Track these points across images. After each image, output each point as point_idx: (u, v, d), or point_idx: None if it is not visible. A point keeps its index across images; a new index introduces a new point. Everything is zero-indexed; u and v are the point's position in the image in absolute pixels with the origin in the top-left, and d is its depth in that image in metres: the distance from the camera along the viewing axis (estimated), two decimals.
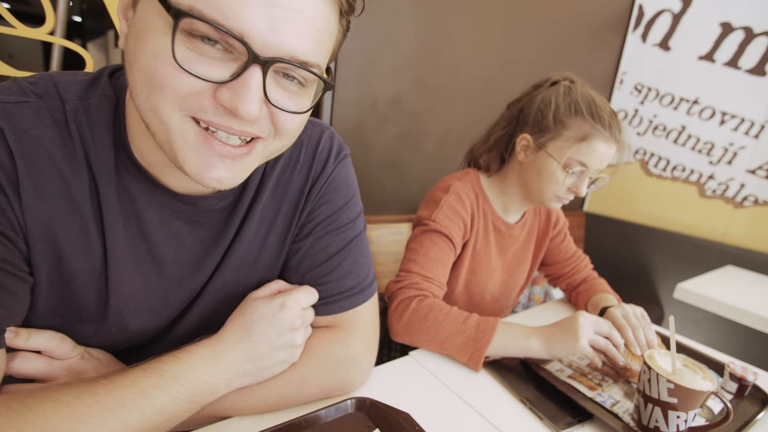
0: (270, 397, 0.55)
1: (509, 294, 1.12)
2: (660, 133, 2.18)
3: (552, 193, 0.90)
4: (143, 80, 0.38)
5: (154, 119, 0.39)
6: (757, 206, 1.89)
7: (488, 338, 0.73)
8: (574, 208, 2.48)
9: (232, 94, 0.37)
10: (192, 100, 0.38)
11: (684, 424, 0.59)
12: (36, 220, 0.43)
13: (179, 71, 0.36)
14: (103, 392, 0.40)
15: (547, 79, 0.95)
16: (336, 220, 0.61)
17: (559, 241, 1.13)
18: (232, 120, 0.39)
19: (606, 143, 0.85)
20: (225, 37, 0.36)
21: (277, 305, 0.53)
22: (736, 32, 1.93)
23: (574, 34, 2.09)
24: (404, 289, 0.82)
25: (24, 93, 0.44)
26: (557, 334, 0.74)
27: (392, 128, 1.61)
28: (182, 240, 0.53)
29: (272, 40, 0.36)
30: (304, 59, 0.39)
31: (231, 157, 0.42)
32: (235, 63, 0.38)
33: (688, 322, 2.03)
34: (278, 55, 0.37)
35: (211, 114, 0.39)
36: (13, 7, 0.90)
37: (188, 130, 0.40)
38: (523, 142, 0.92)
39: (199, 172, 0.41)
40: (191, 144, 0.40)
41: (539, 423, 0.63)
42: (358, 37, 1.41)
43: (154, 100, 0.38)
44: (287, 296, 0.55)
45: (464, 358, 0.74)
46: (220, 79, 0.37)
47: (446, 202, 0.91)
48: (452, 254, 0.90)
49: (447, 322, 0.76)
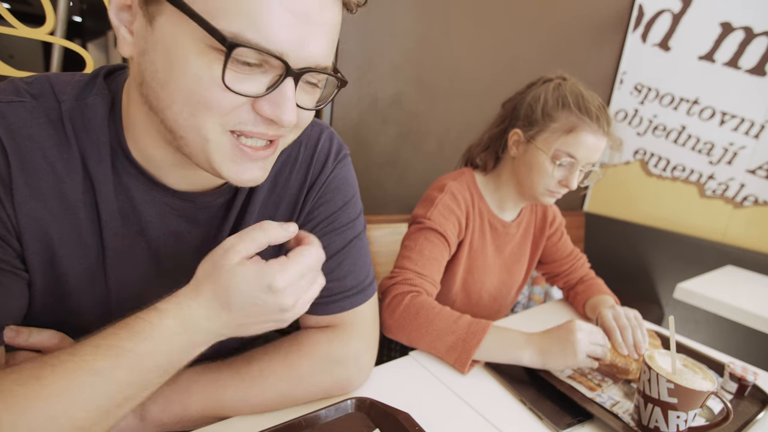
0: (269, 396, 0.54)
1: (507, 293, 1.12)
2: (660, 133, 2.18)
3: (543, 186, 0.91)
4: (185, 100, 0.39)
5: (195, 135, 0.41)
6: (757, 206, 1.89)
7: (478, 340, 0.72)
8: (574, 208, 2.48)
9: (272, 106, 0.40)
10: (232, 115, 0.40)
11: (684, 424, 0.59)
12: (29, 219, 0.44)
13: (225, 92, 0.38)
14: (51, 378, 0.36)
15: (540, 77, 0.97)
16: (336, 220, 0.61)
17: (556, 239, 1.14)
18: (268, 128, 0.42)
19: (594, 135, 0.86)
20: (266, 57, 0.38)
21: (264, 287, 0.42)
22: (736, 32, 1.93)
23: (574, 34, 2.09)
24: (397, 285, 0.82)
25: (19, 93, 0.44)
26: (553, 347, 0.72)
27: (392, 128, 1.61)
28: (181, 237, 0.54)
29: (301, 53, 0.39)
30: (326, 65, 0.42)
31: (261, 158, 0.45)
32: (268, 75, 0.40)
33: (688, 322, 2.03)
34: (308, 65, 0.40)
35: (250, 125, 0.41)
36: (13, 7, 0.90)
37: (225, 142, 0.42)
38: (514, 137, 0.94)
39: (237, 176, 0.44)
40: (228, 154, 0.43)
41: (539, 423, 0.63)
42: (358, 37, 1.41)
43: (198, 120, 0.40)
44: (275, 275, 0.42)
45: (452, 359, 0.73)
46: (259, 93, 0.40)
47: (441, 201, 0.92)
48: (447, 252, 0.91)
49: (438, 320, 0.75)
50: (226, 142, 0.42)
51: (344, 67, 1.40)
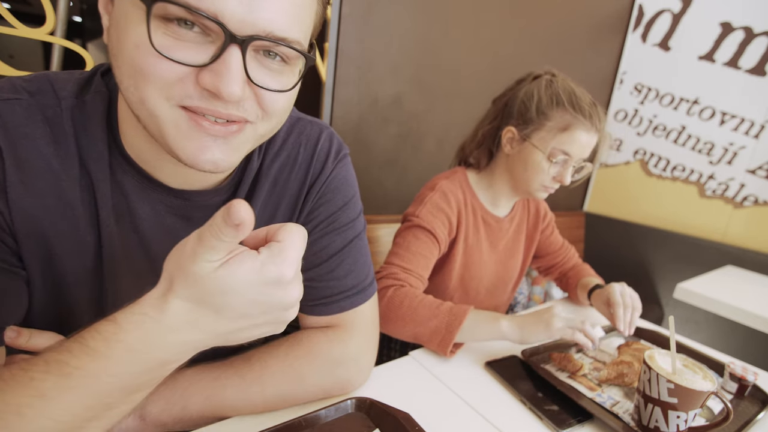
0: (269, 397, 0.54)
1: (504, 288, 1.15)
2: (660, 133, 2.18)
3: (538, 183, 0.94)
4: (128, 72, 0.38)
5: (143, 111, 0.39)
6: (757, 206, 1.89)
7: (459, 321, 0.75)
8: (574, 208, 2.48)
9: (213, 77, 0.37)
10: (177, 87, 0.38)
11: (684, 424, 0.59)
12: (24, 216, 0.43)
13: (160, 58, 0.36)
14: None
15: (529, 73, 0.99)
16: (336, 220, 0.61)
17: (548, 233, 1.19)
18: (217, 103, 0.39)
19: (587, 132, 0.89)
20: (200, 19, 0.35)
21: (271, 281, 0.35)
22: (736, 32, 1.93)
23: (574, 34, 2.09)
24: (382, 279, 0.84)
25: (15, 91, 0.44)
26: (529, 318, 0.78)
27: (392, 128, 1.61)
28: (177, 236, 0.53)
29: (248, 17, 0.36)
30: (282, 35, 0.38)
31: (222, 135, 0.41)
32: (213, 45, 0.37)
33: (688, 322, 2.03)
34: (255, 32, 0.37)
35: (197, 99, 0.38)
36: (13, 7, 0.90)
37: (179, 119, 0.39)
38: (509, 134, 0.96)
39: (194, 156, 0.40)
40: (183, 131, 0.40)
41: (539, 423, 0.63)
42: (358, 37, 1.41)
43: (141, 91, 0.38)
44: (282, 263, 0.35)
45: (435, 343, 0.76)
46: (201, 62, 0.37)
47: (431, 200, 0.94)
48: (435, 249, 0.93)
49: (421, 308, 0.78)
50: (179, 118, 0.39)
51: (344, 67, 1.40)
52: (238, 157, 0.44)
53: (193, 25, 0.36)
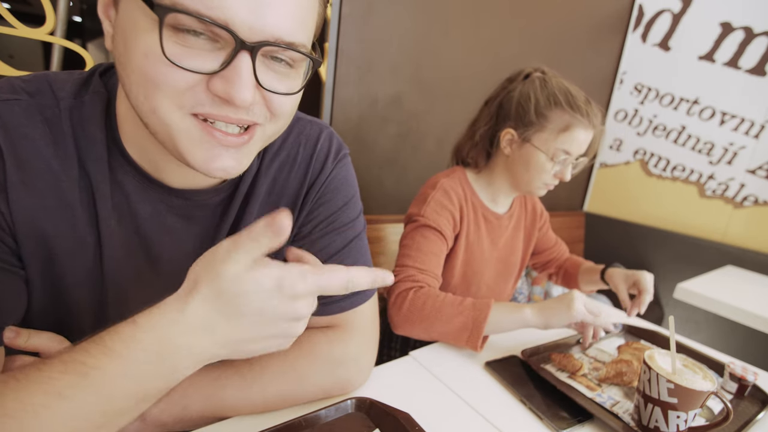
0: (269, 397, 0.54)
1: (504, 284, 1.16)
2: (660, 133, 2.18)
3: (540, 182, 0.96)
4: (138, 81, 0.38)
5: (154, 119, 0.39)
6: (757, 206, 1.89)
7: (485, 315, 0.76)
8: (574, 208, 2.48)
9: (224, 83, 0.37)
10: (188, 95, 0.38)
11: (684, 424, 0.59)
12: (24, 216, 0.43)
13: (171, 67, 0.36)
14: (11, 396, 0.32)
15: (519, 71, 0.99)
16: (336, 220, 0.61)
17: (545, 230, 1.22)
18: (228, 109, 0.39)
19: (585, 130, 0.91)
20: (210, 27, 0.36)
21: (287, 295, 0.36)
22: (736, 32, 1.93)
23: (574, 34, 2.09)
24: (400, 282, 0.85)
25: (15, 91, 0.44)
26: (551, 303, 0.79)
27: (392, 128, 1.61)
28: (177, 236, 0.53)
29: (257, 24, 0.36)
30: (290, 40, 0.39)
31: (234, 146, 0.42)
32: (223, 51, 0.37)
33: (688, 322, 2.03)
34: (264, 38, 0.37)
35: (208, 106, 0.39)
36: (13, 7, 0.90)
37: (191, 128, 0.40)
38: (508, 136, 0.96)
39: (206, 164, 0.41)
40: (195, 140, 0.40)
41: (539, 423, 0.63)
42: (358, 37, 1.41)
43: (151, 101, 0.38)
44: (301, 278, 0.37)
45: (463, 339, 0.77)
46: (211, 69, 0.37)
47: (433, 198, 0.95)
48: (444, 246, 0.93)
49: (445, 306, 0.79)
50: (191, 127, 0.40)
51: (344, 67, 1.41)
52: (248, 162, 0.45)
53: (201, 33, 0.37)
